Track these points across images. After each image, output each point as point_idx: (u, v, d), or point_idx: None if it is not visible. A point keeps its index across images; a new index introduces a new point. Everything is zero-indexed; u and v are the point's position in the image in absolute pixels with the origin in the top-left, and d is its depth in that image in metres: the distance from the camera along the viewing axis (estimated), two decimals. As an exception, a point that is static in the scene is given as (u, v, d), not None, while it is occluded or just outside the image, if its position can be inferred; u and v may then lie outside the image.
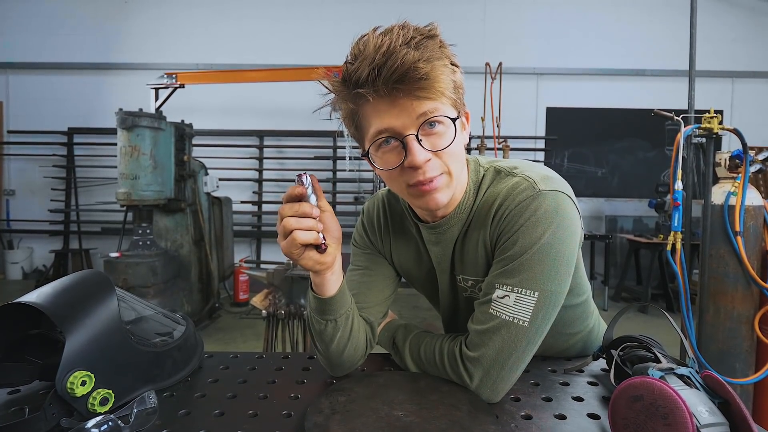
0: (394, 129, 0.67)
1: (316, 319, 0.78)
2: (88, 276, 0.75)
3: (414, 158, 0.67)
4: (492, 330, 0.71)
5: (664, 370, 0.62)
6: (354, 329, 0.80)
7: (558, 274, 0.70)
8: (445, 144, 0.69)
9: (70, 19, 6.16)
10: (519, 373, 0.73)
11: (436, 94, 0.66)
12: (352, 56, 0.67)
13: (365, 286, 0.90)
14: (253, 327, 4.26)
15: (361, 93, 0.65)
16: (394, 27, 0.66)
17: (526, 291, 0.70)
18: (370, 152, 0.72)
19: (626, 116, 6.10)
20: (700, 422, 0.53)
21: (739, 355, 2.05)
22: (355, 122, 0.73)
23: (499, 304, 0.71)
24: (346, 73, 0.67)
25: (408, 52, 0.62)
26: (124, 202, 3.73)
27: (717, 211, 2.06)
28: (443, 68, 0.66)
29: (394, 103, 0.66)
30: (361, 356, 0.85)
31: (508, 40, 6.05)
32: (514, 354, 0.71)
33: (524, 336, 0.70)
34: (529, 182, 0.73)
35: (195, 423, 0.67)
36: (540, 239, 0.69)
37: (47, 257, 6.10)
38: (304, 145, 6.04)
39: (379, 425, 0.61)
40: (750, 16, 6.09)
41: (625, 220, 6.08)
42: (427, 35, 0.66)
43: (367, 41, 0.65)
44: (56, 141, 6.11)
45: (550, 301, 0.71)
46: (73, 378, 0.62)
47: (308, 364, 0.90)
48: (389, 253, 0.93)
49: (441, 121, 0.68)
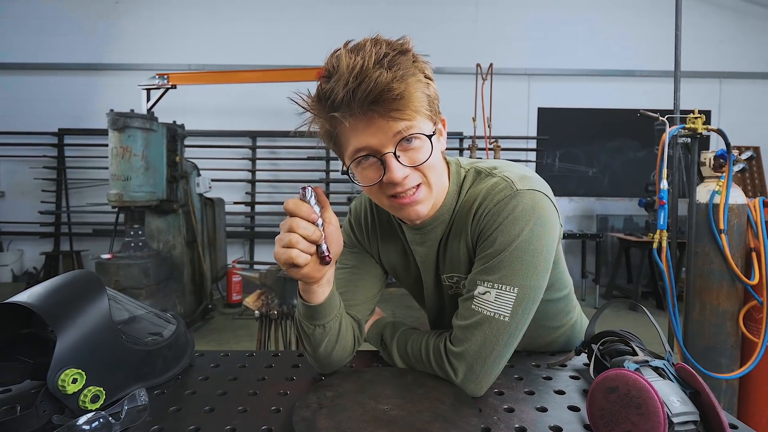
0: (372, 147, 0.69)
1: (306, 323, 0.79)
2: (78, 276, 0.76)
3: (393, 175, 0.69)
4: (474, 325, 0.73)
5: (639, 362, 0.65)
6: (342, 330, 0.82)
7: (536, 269, 0.73)
8: (423, 158, 0.71)
9: (61, 19, 6.11)
10: (501, 366, 0.75)
11: (410, 113, 0.67)
12: (326, 72, 0.68)
13: (353, 284, 0.91)
14: (246, 328, 4.25)
15: (336, 117, 0.66)
16: (366, 43, 0.67)
17: (505, 287, 0.72)
18: (350, 169, 0.74)
19: (616, 116, 6.17)
20: (672, 411, 0.55)
21: (725, 351, 2.09)
22: (333, 139, 0.74)
23: (480, 300, 0.73)
24: (321, 92, 0.68)
25: (381, 73, 0.63)
26: (115, 203, 3.72)
27: (702, 210, 2.10)
28: (417, 84, 0.67)
29: (370, 122, 0.67)
30: (349, 354, 0.87)
31: (500, 41, 6.09)
32: (496, 348, 0.73)
33: (505, 330, 0.73)
34: (507, 182, 0.76)
35: (185, 419, 0.68)
36: (518, 237, 0.72)
37: (38, 259, 6.05)
38: (298, 146, 6.04)
39: (365, 418, 0.63)
40: (737, 17, 6.18)
41: (616, 219, 6.15)
42: (400, 50, 0.67)
43: (339, 58, 0.65)
44: (47, 142, 6.06)
45: (530, 296, 0.73)
46: (65, 375, 0.63)
47: (298, 362, 0.92)
48: (377, 253, 0.95)
49: (417, 137, 0.70)
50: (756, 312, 2.00)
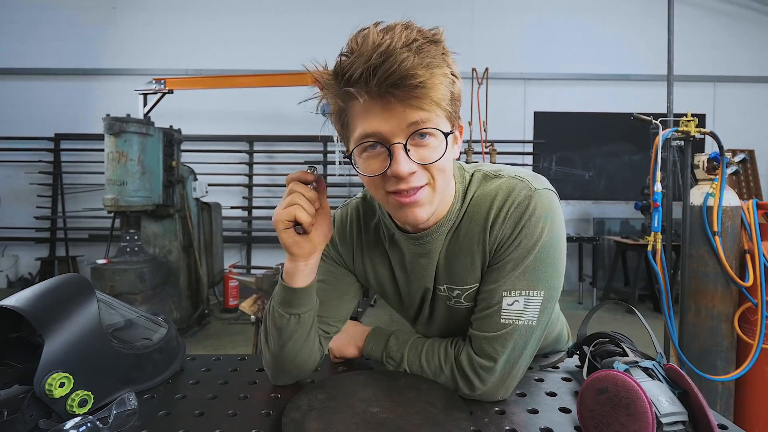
0: (382, 134, 0.64)
1: (279, 312, 0.76)
2: (68, 280, 0.76)
3: (398, 168, 0.63)
4: (505, 336, 0.72)
5: (629, 363, 0.65)
6: (312, 333, 0.80)
7: (558, 270, 0.73)
8: (434, 158, 0.65)
9: (59, 25, 6.11)
10: (526, 367, 0.76)
11: (431, 104, 0.62)
12: (348, 49, 0.63)
13: (327, 299, 0.86)
14: (243, 333, 4.23)
15: (351, 92, 0.61)
16: (397, 25, 0.63)
17: (532, 292, 0.71)
18: (353, 154, 0.69)
19: (612, 120, 6.20)
20: (660, 411, 0.55)
21: (720, 353, 2.09)
22: (341, 120, 0.69)
23: (509, 311, 0.72)
24: (339, 66, 0.63)
25: (407, 56, 0.59)
26: (111, 208, 3.70)
27: (696, 212, 2.10)
28: (442, 77, 0.63)
29: (386, 107, 0.62)
30: (314, 363, 0.83)
31: (496, 45, 6.13)
32: (524, 353, 0.73)
33: (533, 335, 0.73)
34: (524, 182, 0.73)
35: (175, 423, 0.68)
36: (540, 239, 0.71)
37: (33, 265, 6.02)
38: (295, 150, 6.04)
39: (354, 421, 0.62)
40: (730, 22, 6.24)
41: (613, 222, 6.16)
42: (431, 39, 0.63)
43: (366, 36, 0.61)
44: (43, 147, 6.04)
45: (554, 297, 0.73)
46: (52, 380, 0.63)
47: (290, 365, 0.91)
48: (359, 265, 0.89)
49: (432, 134, 0.65)
50: (751, 314, 2.00)
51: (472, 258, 0.76)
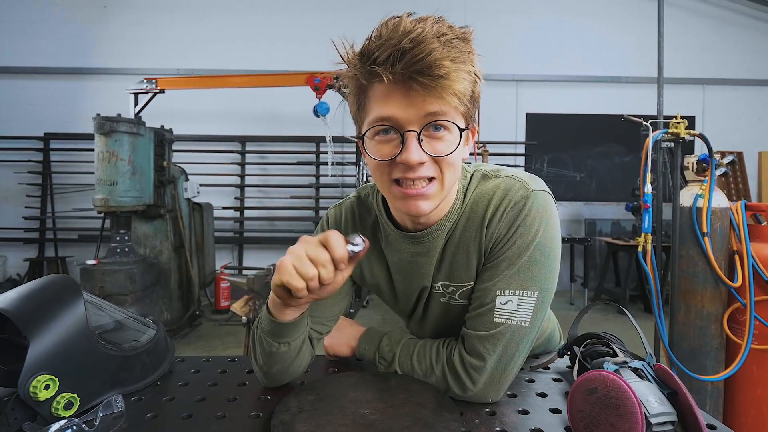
0: (397, 120, 0.64)
1: (268, 341, 0.75)
2: (54, 280, 0.75)
3: (408, 156, 0.63)
4: (497, 335, 0.72)
5: (619, 363, 0.65)
6: (303, 349, 0.79)
7: (552, 271, 0.73)
8: (446, 151, 0.65)
9: (48, 23, 6.04)
10: (519, 369, 0.76)
11: (451, 96, 0.62)
12: (376, 34, 0.63)
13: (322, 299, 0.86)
14: (234, 334, 4.21)
15: (377, 71, 0.61)
16: (429, 18, 0.63)
17: (526, 293, 0.71)
18: (365, 136, 0.68)
19: (603, 122, 6.25)
20: (650, 412, 0.56)
21: (710, 353, 2.11)
22: (359, 100, 0.69)
23: (502, 310, 0.72)
24: (366, 49, 0.63)
25: (437, 46, 0.59)
26: (101, 208, 3.66)
27: (685, 213, 2.12)
28: (466, 74, 0.64)
29: (407, 93, 0.62)
30: (303, 369, 0.83)
31: (488, 47, 6.13)
32: (517, 354, 0.73)
33: (525, 335, 0.73)
34: (521, 182, 0.74)
35: (162, 426, 0.67)
36: (534, 240, 0.71)
37: (22, 266, 5.93)
38: (287, 151, 6.02)
39: (343, 422, 0.62)
40: (718, 25, 6.32)
41: (604, 223, 6.21)
42: (460, 36, 0.64)
43: (397, 23, 0.62)
44: (32, 147, 5.96)
45: (547, 298, 0.73)
46: (36, 382, 0.62)
47: (280, 367, 0.90)
48: (355, 265, 0.89)
49: (447, 127, 0.65)
50: (739, 314, 2.02)
51: (468, 256, 0.77)
